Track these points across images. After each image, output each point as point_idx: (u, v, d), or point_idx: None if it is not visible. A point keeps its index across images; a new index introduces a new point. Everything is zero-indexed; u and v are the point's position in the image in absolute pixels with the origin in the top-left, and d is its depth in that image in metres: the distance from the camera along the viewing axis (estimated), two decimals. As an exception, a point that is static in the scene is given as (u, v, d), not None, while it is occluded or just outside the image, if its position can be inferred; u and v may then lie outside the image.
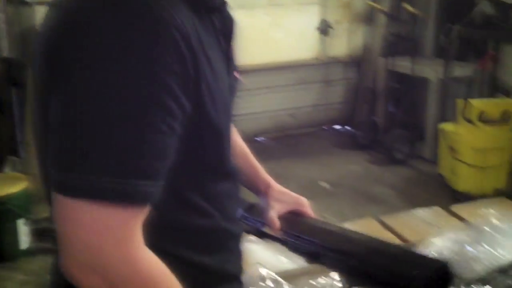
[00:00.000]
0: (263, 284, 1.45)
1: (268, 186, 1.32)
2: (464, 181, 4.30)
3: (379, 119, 5.66)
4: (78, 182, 0.78)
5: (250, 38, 4.13)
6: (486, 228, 1.63)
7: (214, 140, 0.95)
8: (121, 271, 0.81)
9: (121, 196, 0.79)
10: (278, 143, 5.68)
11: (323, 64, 5.86)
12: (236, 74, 1.08)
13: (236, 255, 1.11)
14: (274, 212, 1.29)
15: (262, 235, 1.32)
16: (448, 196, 4.27)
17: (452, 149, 4.36)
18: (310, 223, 1.25)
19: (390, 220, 3.12)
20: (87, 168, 0.78)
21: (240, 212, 1.34)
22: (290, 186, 1.37)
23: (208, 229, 1.01)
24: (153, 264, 0.85)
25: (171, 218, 0.93)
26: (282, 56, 5.53)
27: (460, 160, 4.27)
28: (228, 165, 1.02)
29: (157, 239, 0.85)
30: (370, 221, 3.12)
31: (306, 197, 1.35)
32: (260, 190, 1.33)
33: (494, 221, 1.67)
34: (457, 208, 3.28)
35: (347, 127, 6.11)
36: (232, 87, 1.02)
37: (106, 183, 0.78)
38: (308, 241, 1.21)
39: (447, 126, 4.53)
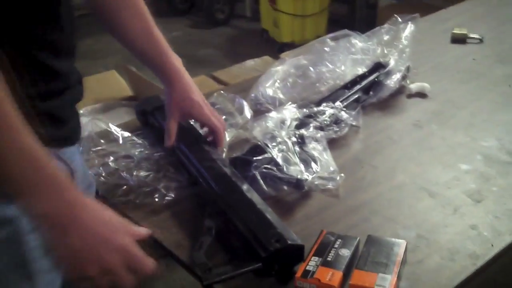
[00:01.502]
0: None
1: (171, 81, 1.18)
2: (286, 31, 4.32)
3: (195, -19, 5.44)
4: None
5: None
6: (326, 49, 1.57)
7: None
8: None
9: None
10: (95, 19, 5.25)
11: None
12: None
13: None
14: (174, 123, 1.18)
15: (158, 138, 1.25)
16: (273, 49, 4.28)
17: (272, 2, 4.32)
18: (208, 155, 1.16)
19: (222, 74, 3.04)
20: None
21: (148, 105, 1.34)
22: (112, 61, 1.19)
23: None
24: None
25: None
26: None
27: (281, 11, 4.26)
28: None
29: None
30: (202, 78, 3.02)
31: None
32: (164, 82, 1.20)
33: (331, 43, 1.62)
34: (286, 54, 3.28)
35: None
36: None
37: None
38: (196, 170, 1.14)
39: (264, -21, 4.45)
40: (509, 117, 1.43)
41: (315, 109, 1.34)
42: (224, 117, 1.35)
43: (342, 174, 1.16)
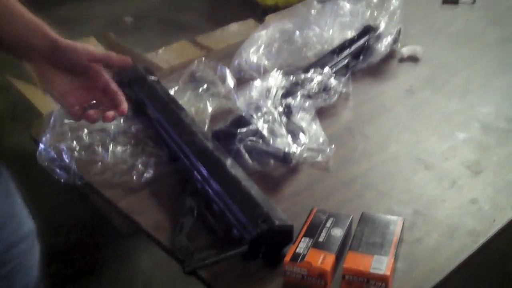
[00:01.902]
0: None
1: (56, 43, 0.98)
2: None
3: None
4: None
5: None
6: (312, 12, 1.48)
7: None
8: None
9: None
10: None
11: None
12: None
13: None
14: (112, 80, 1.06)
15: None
16: (257, 13, 4.16)
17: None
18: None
19: (204, 39, 2.94)
20: None
21: None
22: (90, 28, 1.06)
23: None
24: None
25: None
26: None
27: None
28: None
29: None
30: (183, 44, 2.92)
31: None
32: (54, 49, 0.98)
33: (317, 5, 1.53)
34: (271, 17, 3.17)
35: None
36: None
37: None
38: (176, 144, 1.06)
39: None
40: (506, 82, 1.36)
41: (302, 76, 1.26)
42: (205, 86, 1.27)
43: (333, 146, 1.08)
